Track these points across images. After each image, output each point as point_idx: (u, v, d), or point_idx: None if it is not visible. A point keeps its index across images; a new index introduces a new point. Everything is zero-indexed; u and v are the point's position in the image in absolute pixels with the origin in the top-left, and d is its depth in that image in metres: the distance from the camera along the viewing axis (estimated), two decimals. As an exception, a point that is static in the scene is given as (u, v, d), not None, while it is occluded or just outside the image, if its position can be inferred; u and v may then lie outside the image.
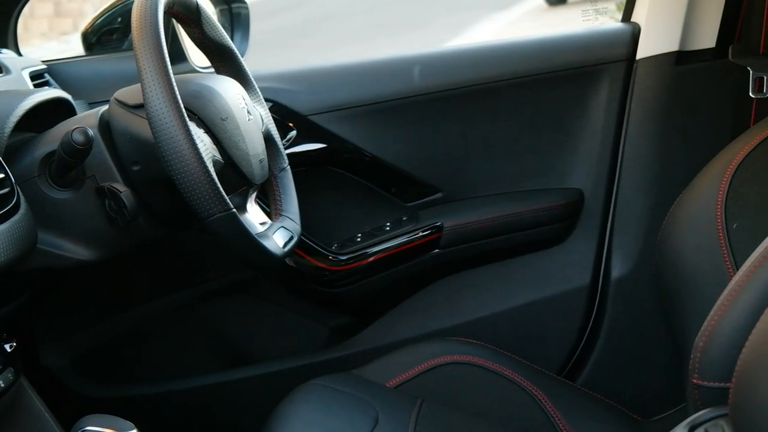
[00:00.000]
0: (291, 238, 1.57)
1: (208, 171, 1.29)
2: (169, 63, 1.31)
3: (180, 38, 1.95)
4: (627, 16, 2.02)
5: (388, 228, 1.99)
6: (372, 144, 1.97)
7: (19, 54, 1.93)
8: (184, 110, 1.30)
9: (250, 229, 1.39)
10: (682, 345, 1.43)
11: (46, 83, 1.82)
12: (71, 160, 1.34)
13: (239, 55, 1.65)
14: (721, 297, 1.11)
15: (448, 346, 1.76)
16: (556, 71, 1.97)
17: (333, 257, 1.96)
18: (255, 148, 1.51)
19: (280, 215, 1.63)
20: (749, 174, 1.47)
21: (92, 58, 2.03)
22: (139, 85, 1.31)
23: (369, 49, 7.62)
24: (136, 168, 1.40)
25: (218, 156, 1.41)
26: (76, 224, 1.41)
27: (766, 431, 0.89)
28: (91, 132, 1.32)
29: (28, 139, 1.44)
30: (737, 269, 1.19)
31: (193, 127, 1.33)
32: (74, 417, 1.24)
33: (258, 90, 1.68)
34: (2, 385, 1.34)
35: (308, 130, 1.94)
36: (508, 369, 1.69)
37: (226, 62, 1.64)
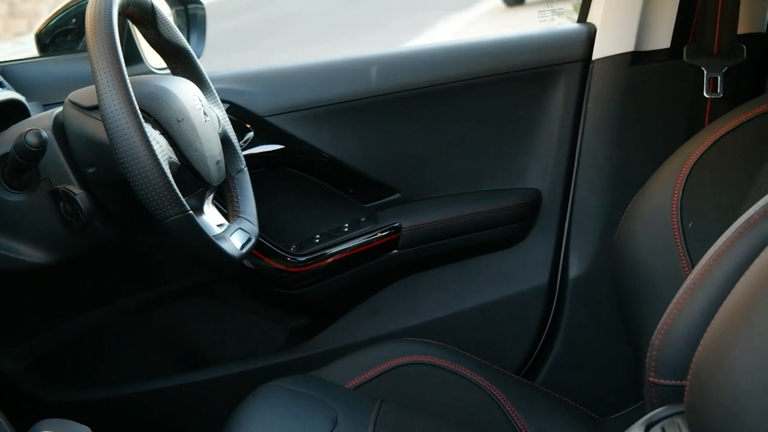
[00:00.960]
0: (248, 240, 1.57)
1: (163, 173, 1.28)
2: (123, 64, 1.30)
3: (135, 39, 1.93)
4: (583, 16, 2.03)
5: (346, 229, 1.99)
6: (330, 145, 1.97)
7: (-28, 55, 1.91)
8: (139, 112, 1.29)
9: (207, 231, 1.38)
10: (638, 343, 1.44)
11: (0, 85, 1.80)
12: (25, 162, 1.32)
13: (195, 56, 1.65)
14: (677, 296, 1.12)
15: (408, 346, 1.76)
16: (513, 72, 1.98)
17: (291, 258, 1.95)
18: (212, 149, 1.50)
19: (238, 217, 1.63)
20: (704, 173, 1.49)
21: (46, 59, 2.01)
22: (93, 86, 1.30)
23: (327, 49, 7.61)
24: (91, 170, 1.39)
25: (174, 158, 1.40)
26: (31, 227, 1.40)
27: (720, 428, 0.89)
28: (44, 134, 1.31)
29: (-19, 141, 1.43)
30: (693, 268, 1.20)
31: (148, 128, 1.32)
32: (30, 422, 1.22)
33: (214, 91, 1.68)
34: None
35: (266, 131, 1.93)
36: (467, 369, 1.69)
37: (182, 63, 1.63)
